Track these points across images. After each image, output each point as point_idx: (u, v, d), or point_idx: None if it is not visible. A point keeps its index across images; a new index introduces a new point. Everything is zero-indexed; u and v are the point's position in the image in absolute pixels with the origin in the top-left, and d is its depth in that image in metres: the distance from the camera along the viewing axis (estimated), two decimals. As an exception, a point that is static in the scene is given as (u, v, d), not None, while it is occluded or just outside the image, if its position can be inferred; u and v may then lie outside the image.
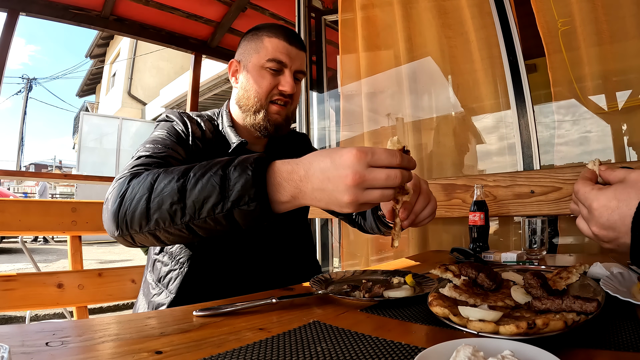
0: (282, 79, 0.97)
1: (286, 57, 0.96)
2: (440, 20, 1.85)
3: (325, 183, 0.54)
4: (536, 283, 0.55)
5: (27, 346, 0.41)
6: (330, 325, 0.51)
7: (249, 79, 0.98)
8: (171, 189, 0.61)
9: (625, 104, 1.46)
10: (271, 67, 0.96)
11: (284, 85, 0.96)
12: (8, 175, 3.16)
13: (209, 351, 0.42)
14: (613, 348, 0.41)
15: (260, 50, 0.97)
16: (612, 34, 1.45)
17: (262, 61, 0.96)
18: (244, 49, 1.01)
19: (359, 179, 0.52)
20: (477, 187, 1.30)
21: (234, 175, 0.58)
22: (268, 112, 0.97)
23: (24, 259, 5.83)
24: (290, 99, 0.99)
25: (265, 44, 0.97)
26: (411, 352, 0.41)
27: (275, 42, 0.97)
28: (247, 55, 1.00)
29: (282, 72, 0.97)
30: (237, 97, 1.01)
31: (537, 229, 1.09)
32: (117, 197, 0.66)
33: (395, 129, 2.02)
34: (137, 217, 0.63)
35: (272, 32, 0.98)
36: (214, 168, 0.60)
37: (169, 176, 0.63)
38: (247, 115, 0.98)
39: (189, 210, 0.60)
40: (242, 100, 0.99)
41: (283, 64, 0.96)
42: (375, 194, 0.55)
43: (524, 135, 1.57)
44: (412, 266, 1.07)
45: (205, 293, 0.82)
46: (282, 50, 0.96)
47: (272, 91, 0.97)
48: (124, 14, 2.59)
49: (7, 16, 2.17)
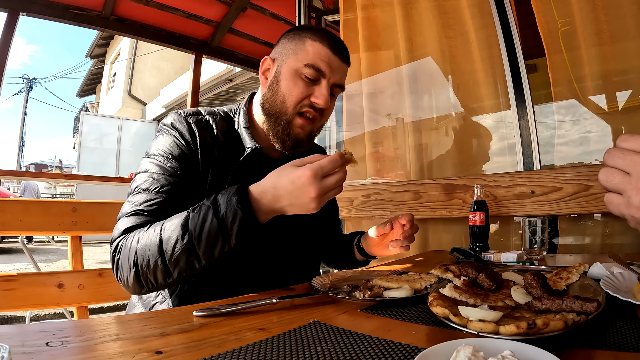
0: (316, 89, 0.87)
1: (326, 66, 0.87)
2: (441, 21, 1.85)
3: (293, 200, 0.69)
4: (536, 283, 0.55)
5: (27, 346, 0.41)
6: (330, 326, 0.51)
7: (279, 82, 0.89)
8: (180, 247, 0.69)
9: (625, 104, 1.46)
10: (308, 74, 0.86)
11: (317, 97, 0.86)
12: (8, 175, 3.16)
13: (209, 351, 0.42)
14: (613, 348, 0.40)
15: (299, 53, 0.88)
16: (612, 34, 1.45)
17: (299, 65, 0.87)
18: (282, 47, 0.91)
19: (319, 190, 0.67)
20: (478, 187, 1.30)
21: (229, 220, 0.68)
22: (291, 125, 0.88)
23: (24, 259, 5.84)
24: (320, 114, 0.90)
25: (307, 47, 0.88)
26: (411, 352, 0.41)
27: (319, 47, 0.87)
28: (284, 54, 0.90)
29: (319, 82, 0.87)
30: (263, 98, 0.91)
31: (537, 229, 1.09)
32: (131, 266, 0.72)
33: (396, 129, 2.02)
34: (159, 276, 0.71)
35: (317, 35, 0.89)
36: (208, 218, 0.69)
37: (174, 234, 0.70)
38: (268, 121, 0.90)
39: (203, 257, 0.70)
40: (267, 103, 0.90)
41: (321, 73, 0.87)
42: (332, 193, 0.70)
43: (524, 136, 1.57)
44: (413, 266, 1.07)
45: (205, 293, 0.82)
46: (324, 57, 0.87)
47: (302, 101, 0.87)
48: (124, 14, 2.59)
49: (8, 16, 2.18)
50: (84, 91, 18.50)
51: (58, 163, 25.26)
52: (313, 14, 2.44)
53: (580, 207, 1.31)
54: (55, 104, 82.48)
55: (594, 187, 1.29)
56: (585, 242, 1.44)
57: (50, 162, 26.00)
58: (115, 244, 0.77)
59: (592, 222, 1.44)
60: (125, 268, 0.73)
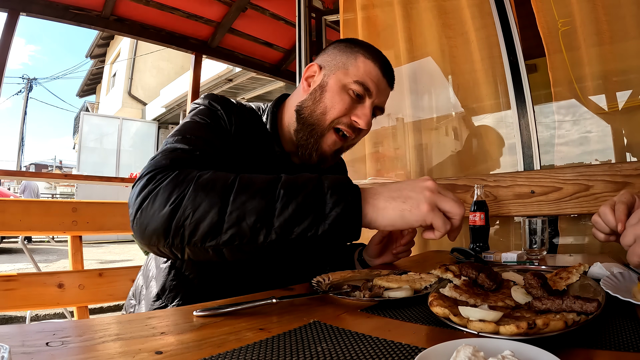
0: (359, 108, 0.85)
1: (375, 87, 0.85)
2: (441, 21, 1.85)
3: (410, 192, 0.61)
4: (536, 283, 0.55)
5: (27, 346, 0.41)
6: (330, 326, 0.51)
7: (324, 93, 0.86)
8: (257, 204, 0.57)
9: (625, 104, 1.46)
10: (355, 90, 0.84)
11: (359, 117, 0.85)
12: (8, 175, 3.16)
13: (209, 351, 0.42)
14: (613, 348, 0.40)
15: (350, 67, 0.86)
16: (612, 34, 1.45)
17: (348, 80, 0.84)
18: (332, 57, 0.89)
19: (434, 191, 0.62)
20: (478, 187, 1.30)
21: (331, 200, 0.58)
22: (323, 139, 0.85)
23: (24, 259, 5.84)
24: (356, 133, 0.88)
25: (359, 64, 0.86)
26: (411, 352, 0.41)
27: (370, 66, 0.86)
28: (333, 65, 0.88)
29: (363, 102, 0.85)
30: (302, 105, 0.88)
31: (537, 229, 1.09)
32: (168, 200, 0.58)
33: (396, 129, 2.02)
34: (202, 229, 0.57)
35: (371, 54, 0.87)
36: (306, 188, 0.59)
37: (249, 188, 0.58)
38: (302, 129, 0.86)
39: (278, 229, 0.57)
40: (305, 110, 0.87)
41: (368, 93, 0.85)
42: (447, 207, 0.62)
43: (524, 136, 1.57)
44: (413, 266, 1.07)
45: (206, 294, 0.82)
46: (374, 77, 0.85)
47: (342, 117, 0.84)
48: (124, 14, 2.59)
49: (8, 16, 2.18)
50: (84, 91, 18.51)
51: (58, 163, 25.28)
52: (313, 14, 2.44)
53: (580, 207, 1.31)
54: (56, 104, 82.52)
55: (594, 187, 1.29)
56: (585, 242, 1.44)
57: (51, 162, 26.03)
58: (151, 174, 0.62)
59: (592, 222, 1.44)
60: (159, 200, 0.58)
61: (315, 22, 2.46)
